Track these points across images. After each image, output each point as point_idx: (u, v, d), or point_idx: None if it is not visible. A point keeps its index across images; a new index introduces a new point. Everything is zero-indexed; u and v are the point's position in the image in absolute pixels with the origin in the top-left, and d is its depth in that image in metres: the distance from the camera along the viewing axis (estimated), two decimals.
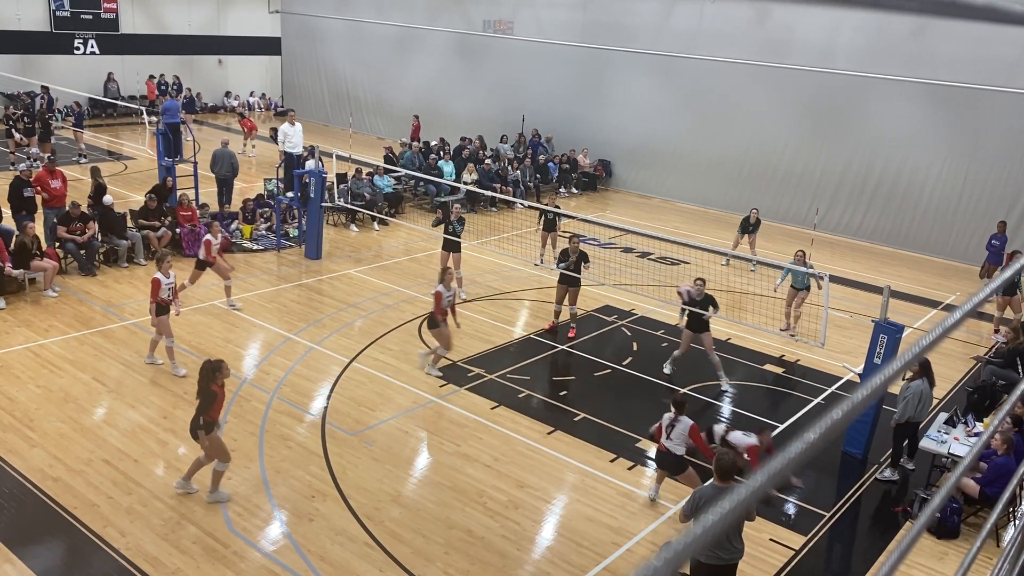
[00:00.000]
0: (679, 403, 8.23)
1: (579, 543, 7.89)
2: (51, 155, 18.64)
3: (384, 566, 7.34)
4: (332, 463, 8.89)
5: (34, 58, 28.40)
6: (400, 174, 20.09)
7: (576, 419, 10.30)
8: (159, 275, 10.37)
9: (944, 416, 9.81)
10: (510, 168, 21.96)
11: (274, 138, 21.39)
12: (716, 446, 8.62)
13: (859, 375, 11.40)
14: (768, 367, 12.43)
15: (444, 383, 10.95)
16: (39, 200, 14.70)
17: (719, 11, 21.54)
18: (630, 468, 9.26)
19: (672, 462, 8.21)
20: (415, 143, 22.93)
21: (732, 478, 6.31)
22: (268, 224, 17.09)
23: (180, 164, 17.17)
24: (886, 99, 19.35)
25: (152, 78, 31.48)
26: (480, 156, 22.36)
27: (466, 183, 19.85)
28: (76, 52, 29.57)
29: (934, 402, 10.14)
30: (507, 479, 8.84)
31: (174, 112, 17.43)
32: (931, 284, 17.26)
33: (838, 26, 19.68)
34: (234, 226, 16.54)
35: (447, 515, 8.13)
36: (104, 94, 29.56)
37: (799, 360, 12.73)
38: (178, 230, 15.35)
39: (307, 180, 15.67)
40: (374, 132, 30.39)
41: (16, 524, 7.57)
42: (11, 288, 12.81)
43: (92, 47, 29.91)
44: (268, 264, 15.43)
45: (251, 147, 25.56)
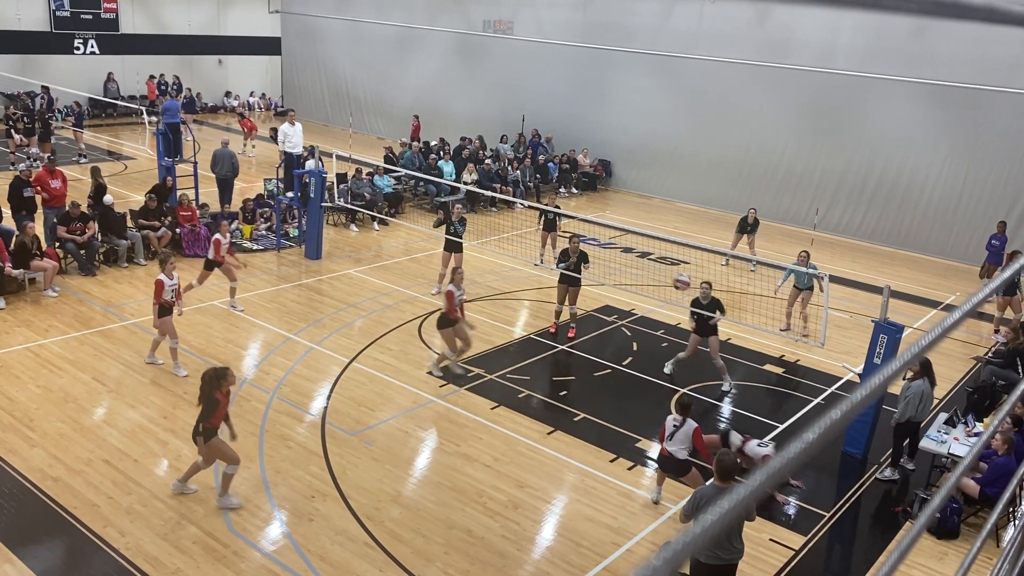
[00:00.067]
0: (686, 405, 8.20)
1: (579, 543, 7.89)
2: (51, 155, 18.64)
3: (384, 566, 7.34)
4: (332, 463, 8.89)
5: (34, 58, 28.40)
6: (400, 174, 20.10)
7: (576, 419, 10.30)
8: (162, 276, 10.32)
9: (944, 416, 9.81)
10: (510, 168, 21.96)
11: (274, 138, 21.39)
12: (733, 445, 8.61)
13: (859, 375, 11.40)
14: (768, 367, 12.44)
15: (444, 383, 10.96)
16: (39, 200, 14.71)
17: (719, 11, 21.54)
18: (630, 468, 9.26)
19: (675, 466, 8.21)
20: (415, 143, 22.92)
21: (733, 478, 6.31)
22: (268, 224, 17.11)
23: (180, 164, 17.17)
24: (886, 99, 19.35)
25: (152, 78, 31.48)
26: (480, 156, 22.36)
27: (466, 183, 19.85)
28: (76, 52, 29.58)
29: (934, 402, 10.13)
30: (507, 479, 8.84)
31: (174, 112, 17.43)
32: (931, 284, 17.26)
33: (838, 26, 19.68)
34: (234, 226, 16.52)
35: (447, 515, 8.13)
36: (104, 94, 29.56)
37: (799, 360, 12.73)
38: (178, 230, 15.36)
39: (307, 180, 15.68)
40: (374, 132, 30.39)
41: (16, 524, 7.57)
42: (11, 288, 12.81)
43: (92, 47, 29.92)
44: (268, 264, 15.44)
45: (251, 147, 25.56)
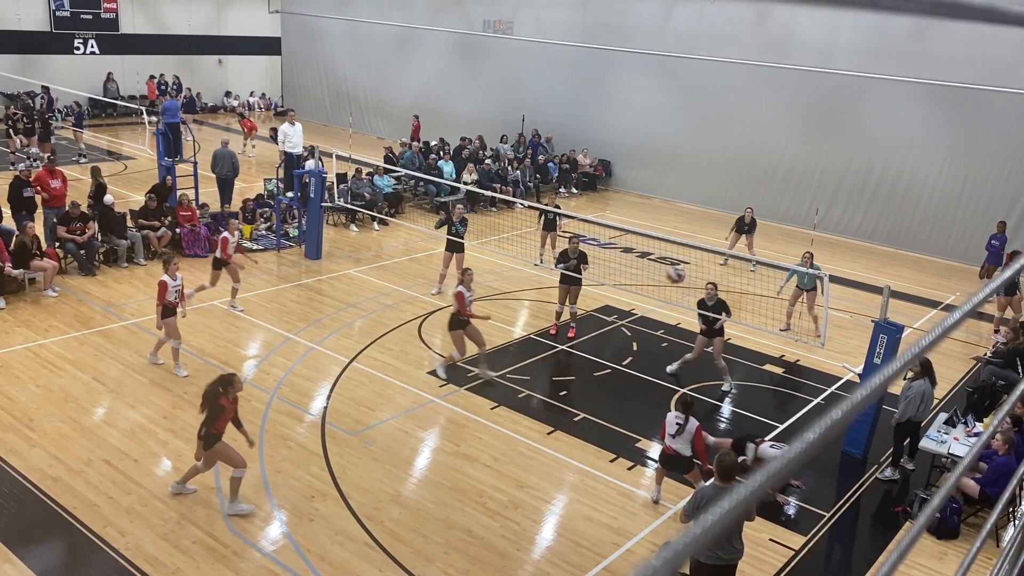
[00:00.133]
0: (688, 404, 8.23)
1: (579, 543, 7.89)
2: (51, 155, 18.65)
3: (384, 566, 7.34)
4: (332, 463, 8.89)
5: (34, 58, 28.39)
6: (400, 174, 20.10)
7: (576, 419, 10.30)
8: (166, 277, 10.31)
9: (944, 416, 9.81)
10: (510, 168, 21.96)
11: (274, 138, 21.39)
12: (746, 458, 8.62)
13: (859, 375, 11.40)
14: (768, 367, 12.43)
15: (444, 383, 10.96)
16: (39, 200, 14.71)
17: (719, 11, 21.54)
18: (630, 468, 9.26)
19: (680, 463, 8.26)
20: (415, 143, 22.92)
21: (733, 479, 6.32)
22: (268, 224, 17.11)
23: (180, 164, 17.17)
24: (886, 99, 19.35)
25: (152, 78, 31.47)
26: (480, 156, 22.36)
27: (466, 183, 19.85)
28: (76, 52, 29.57)
29: (934, 402, 10.13)
30: (507, 479, 8.84)
31: (174, 112, 17.43)
32: (931, 284, 17.26)
33: (838, 26, 19.68)
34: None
35: (447, 515, 8.13)
36: (104, 94, 29.55)
37: (799, 360, 12.73)
38: (178, 230, 15.36)
39: (307, 180, 15.68)
40: (374, 132, 30.39)
41: (16, 524, 7.57)
42: (11, 288, 12.81)
43: (92, 47, 29.91)
44: (268, 264, 15.43)
45: (251, 147, 25.56)
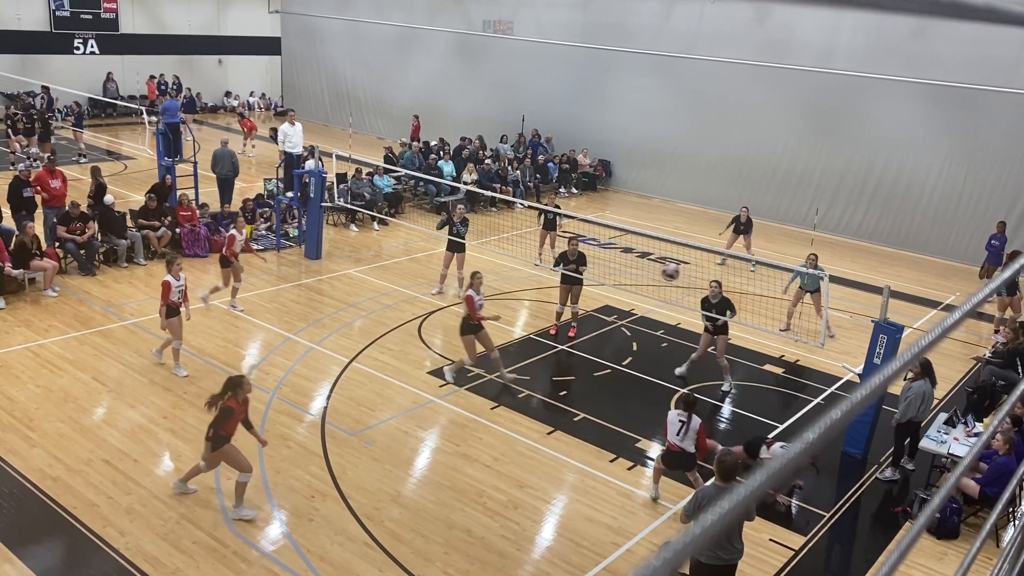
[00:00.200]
0: (691, 403, 8.26)
1: (579, 543, 7.89)
2: (51, 155, 18.65)
3: (384, 566, 7.34)
4: (332, 463, 8.89)
5: (34, 58, 28.39)
6: (400, 174, 20.10)
7: (576, 419, 10.30)
8: (169, 278, 10.31)
9: (944, 416, 9.81)
10: (510, 168, 21.96)
11: (274, 138, 21.39)
12: (762, 460, 8.65)
13: (859, 375, 11.40)
14: (768, 367, 12.43)
15: (444, 383, 10.96)
16: (39, 200, 14.70)
17: (719, 11, 21.53)
18: (630, 468, 9.26)
19: (685, 460, 8.30)
20: (415, 143, 22.93)
21: (734, 479, 6.32)
22: (268, 224, 17.10)
23: (180, 164, 17.17)
24: (886, 99, 19.35)
25: (152, 78, 31.47)
26: (480, 156, 22.36)
27: (466, 183, 19.85)
28: (76, 52, 29.57)
29: (934, 402, 10.13)
30: (507, 479, 8.84)
31: (174, 112, 17.43)
32: (931, 284, 17.26)
33: (838, 26, 19.68)
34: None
35: (447, 515, 8.13)
36: (103, 94, 29.55)
37: (799, 360, 12.73)
38: (178, 230, 15.36)
39: (307, 180, 15.68)
40: (374, 132, 30.38)
41: (16, 524, 7.57)
42: (11, 288, 12.81)
43: (92, 47, 29.91)
44: (268, 264, 15.43)
45: (251, 147, 25.56)
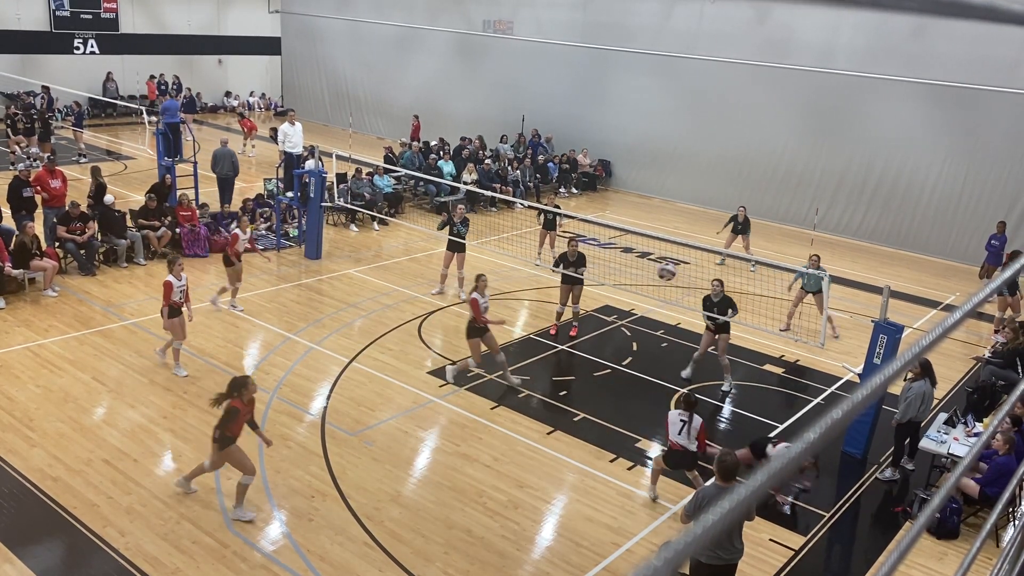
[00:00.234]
0: (692, 403, 8.29)
1: (579, 543, 7.89)
2: (51, 155, 18.65)
3: (384, 566, 7.34)
4: (332, 463, 8.89)
5: (34, 58, 28.38)
6: (400, 174, 20.10)
7: (576, 419, 10.30)
8: (171, 278, 10.30)
9: (944, 416, 9.81)
10: (510, 168, 21.96)
11: (274, 138, 21.38)
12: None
13: (859, 375, 11.40)
14: (768, 367, 12.43)
15: (444, 383, 10.95)
16: (39, 200, 14.70)
17: (719, 11, 21.54)
18: (630, 468, 9.26)
19: (687, 459, 8.32)
20: (415, 143, 22.93)
21: (734, 478, 6.32)
22: (268, 224, 17.10)
23: (180, 164, 17.17)
24: (886, 99, 19.34)
25: (152, 78, 31.47)
26: (480, 156, 22.36)
27: (466, 183, 19.85)
28: (76, 52, 29.56)
29: (934, 402, 10.14)
30: (507, 479, 8.84)
31: (173, 112, 17.42)
32: (931, 284, 17.26)
33: (838, 26, 19.68)
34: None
35: (447, 515, 8.13)
36: (103, 94, 29.55)
37: (799, 360, 12.73)
38: (178, 230, 15.36)
39: (307, 180, 15.68)
40: (374, 132, 30.38)
41: (16, 524, 7.57)
42: (11, 288, 12.81)
43: (92, 47, 29.90)
44: (268, 264, 15.42)
45: (251, 147, 25.56)
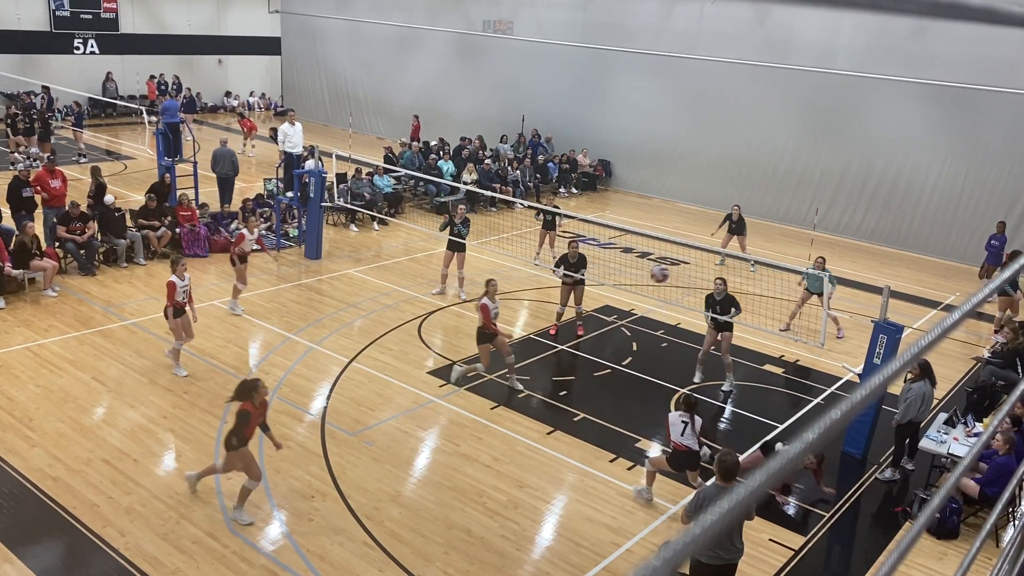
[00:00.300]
0: (692, 403, 8.31)
1: (578, 543, 7.89)
2: (51, 155, 18.64)
3: (384, 566, 7.34)
4: (332, 463, 8.89)
5: (34, 58, 28.38)
6: (400, 174, 20.10)
7: (576, 419, 10.30)
8: (174, 278, 10.33)
9: (944, 416, 9.81)
10: (510, 168, 21.96)
11: (274, 138, 21.39)
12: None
13: (859, 375, 11.40)
14: (768, 367, 12.43)
15: (444, 383, 10.95)
16: (39, 200, 14.70)
17: (719, 11, 21.53)
18: (630, 468, 9.26)
19: (693, 459, 8.33)
20: (415, 143, 22.93)
21: (734, 478, 6.32)
22: (268, 224, 17.09)
23: (180, 164, 17.17)
24: (886, 99, 19.35)
25: (152, 78, 31.48)
26: (480, 156, 22.36)
27: (466, 183, 19.85)
28: (76, 52, 29.56)
29: (934, 402, 10.14)
30: (507, 479, 8.84)
31: (173, 112, 17.42)
32: (931, 284, 17.26)
33: (838, 26, 19.67)
34: (234, 226, 16.55)
35: (447, 515, 8.13)
36: (102, 93, 29.55)
37: (799, 360, 12.73)
38: (178, 230, 15.36)
39: (307, 180, 15.68)
40: (374, 132, 30.38)
41: (16, 524, 7.57)
42: (11, 288, 12.80)
43: (92, 47, 29.90)
44: (268, 264, 15.42)
45: (251, 147, 25.56)
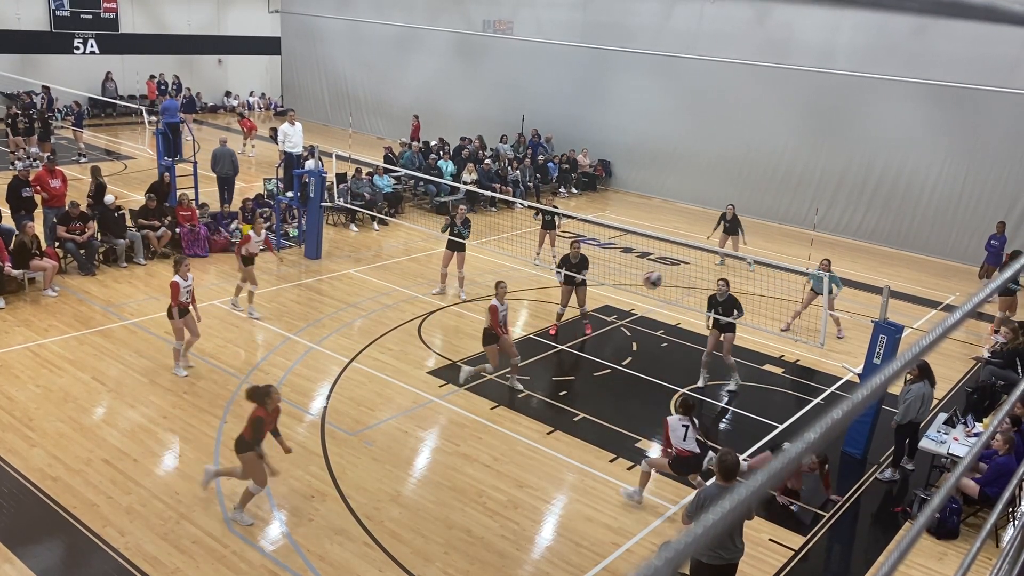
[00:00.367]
0: (690, 406, 8.27)
1: (578, 543, 7.89)
2: (51, 155, 18.65)
3: (383, 566, 7.34)
4: (332, 463, 8.89)
5: (34, 58, 28.39)
6: (400, 174, 20.10)
7: (576, 419, 10.30)
8: (177, 278, 10.34)
9: (944, 416, 9.81)
10: (510, 168, 21.96)
11: (274, 138, 21.38)
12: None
13: (859, 375, 11.40)
14: (768, 367, 12.43)
15: (444, 383, 10.95)
16: (39, 200, 14.70)
17: (719, 11, 21.54)
18: (629, 468, 9.25)
19: (696, 462, 8.29)
20: (415, 143, 22.93)
21: (735, 478, 6.32)
22: (268, 224, 17.08)
23: (180, 164, 17.17)
24: (886, 99, 19.34)
25: (152, 78, 31.48)
26: (480, 156, 22.36)
27: (466, 183, 19.85)
28: (76, 52, 29.57)
29: (934, 402, 10.14)
30: (506, 479, 8.84)
31: (173, 112, 17.42)
32: (931, 284, 17.25)
33: (838, 26, 19.67)
34: (234, 226, 16.56)
35: (446, 515, 8.13)
36: (102, 93, 29.55)
37: (799, 360, 12.73)
38: (178, 230, 15.36)
39: (307, 180, 15.68)
40: (374, 132, 30.38)
41: (16, 524, 7.57)
42: (11, 288, 12.81)
43: (92, 47, 29.91)
44: (268, 264, 15.40)
45: (251, 147, 25.56)
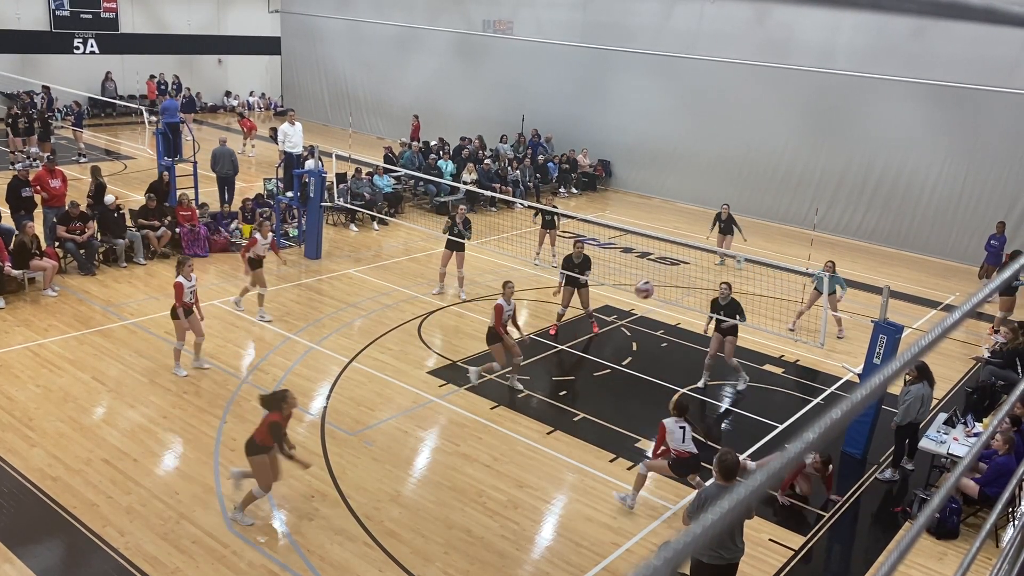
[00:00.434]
0: (685, 407, 8.26)
1: (578, 543, 7.89)
2: (51, 154, 18.65)
3: (383, 566, 7.34)
4: (332, 463, 8.89)
5: (34, 57, 28.39)
6: (400, 174, 20.11)
7: (576, 419, 10.30)
8: (181, 279, 10.36)
9: (944, 416, 9.81)
10: (510, 168, 21.96)
11: (274, 138, 21.39)
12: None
13: (859, 375, 11.40)
14: (768, 367, 12.43)
15: (444, 383, 10.96)
16: (39, 200, 14.70)
17: (719, 11, 21.54)
18: (629, 468, 9.25)
19: (695, 463, 8.28)
20: (415, 143, 22.93)
21: (735, 478, 6.32)
22: (269, 224, 17.07)
23: (180, 164, 17.17)
24: (886, 99, 19.35)
25: (152, 78, 31.48)
26: (480, 156, 22.36)
27: (466, 183, 19.85)
28: (76, 52, 29.57)
29: (933, 402, 10.14)
30: (506, 479, 8.84)
31: (173, 112, 17.42)
32: (931, 284, 17.26)
33: (838, 26, 19.68)
34: (234, 226, 16.55)
35: (446, 515, 8.13)
36: (101, 93, 29.55)
37: (799, 360, 12.73)
38: (178, 230, 15.36)
39: (307, 180, 15.68)
40: (374, 132, 30.38)
41: (15, 524, 7.57)
42: (11, 288, 12.81)
43: (92, 47, 29.91)
44: (268, 264, 15.38)
45: (251, 147, 25.56)
